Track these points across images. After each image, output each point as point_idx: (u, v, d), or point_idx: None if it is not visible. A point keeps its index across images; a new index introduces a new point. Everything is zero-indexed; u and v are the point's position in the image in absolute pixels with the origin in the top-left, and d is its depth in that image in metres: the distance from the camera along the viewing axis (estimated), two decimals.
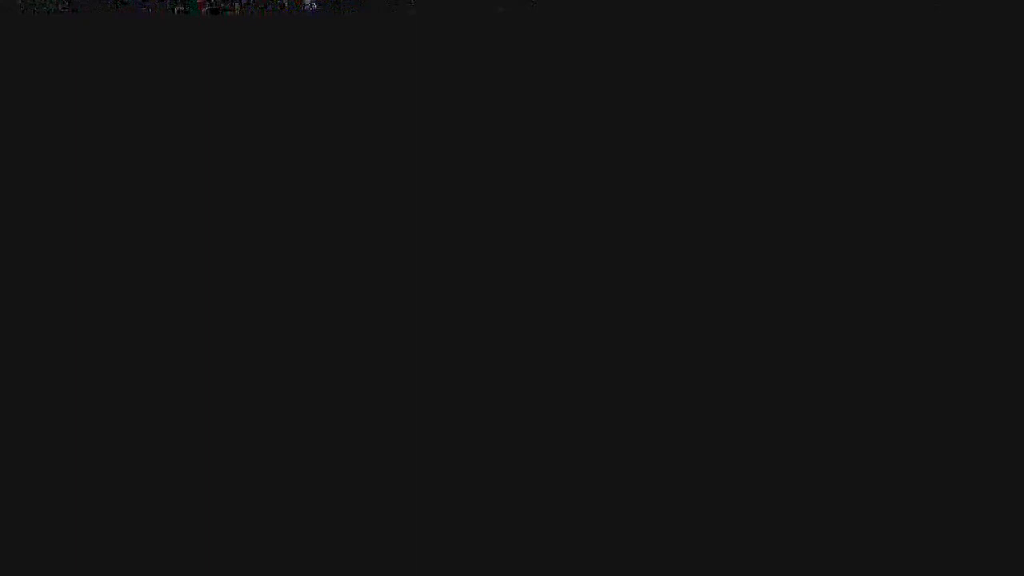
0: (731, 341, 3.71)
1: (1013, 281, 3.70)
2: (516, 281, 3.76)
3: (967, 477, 3.57)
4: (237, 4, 4.00)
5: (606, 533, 3.53)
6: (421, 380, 3.71)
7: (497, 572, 3.48)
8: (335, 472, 3.62)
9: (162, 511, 3.56)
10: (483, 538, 3.53)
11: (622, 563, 3.50)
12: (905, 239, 3.77)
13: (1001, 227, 3.75)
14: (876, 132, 3.82)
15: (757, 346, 3.71)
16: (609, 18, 3.92)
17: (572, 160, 3.83)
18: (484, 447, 3.64)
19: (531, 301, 3.75)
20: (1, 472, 3.60)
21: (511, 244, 3.79)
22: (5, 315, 3.72)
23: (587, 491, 3.59)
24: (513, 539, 3.52)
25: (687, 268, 3.77)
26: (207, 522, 3.56)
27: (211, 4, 3.98)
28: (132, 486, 3.59)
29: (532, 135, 3.84)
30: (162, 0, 3.96)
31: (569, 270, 3.77)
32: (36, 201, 3.79)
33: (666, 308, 3.74)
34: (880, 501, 3.56)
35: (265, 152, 3.84)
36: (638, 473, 3.60)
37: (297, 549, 3.53)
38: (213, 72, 3.88)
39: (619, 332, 3.73)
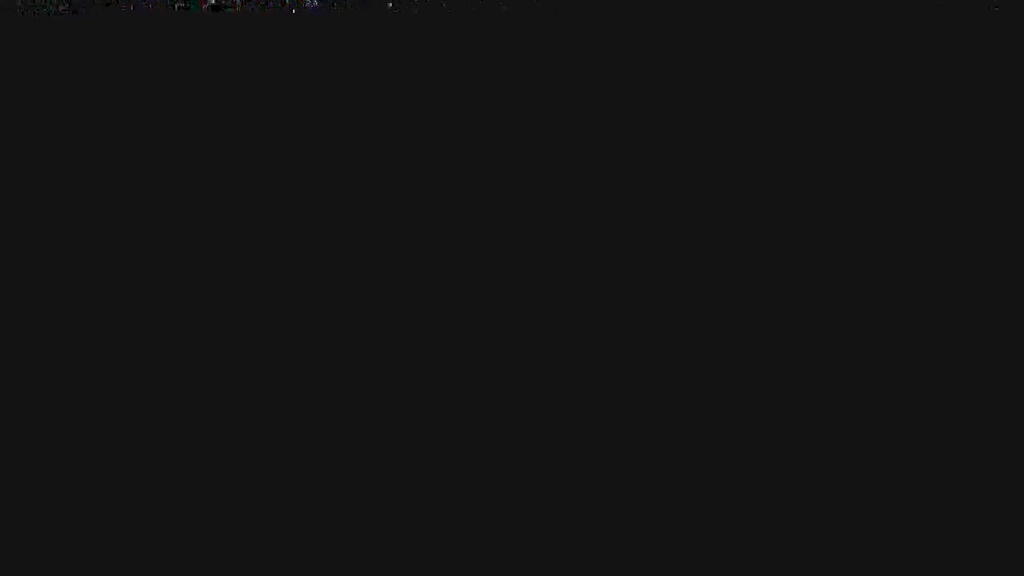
0: (733, 342, 3.71)
1: (1013, 281, 3.70)
2: (515, 282, 3.76)
3: (967, 477, 3.57)
4: (238, 0, 3.99)
5: (605, 533, 3.54)
6: (419, 380, 3.71)
7: (495, 572, 3.49)
8: (333, 472, 3.63)
9: (160, 511, 3.58)
10: (481, 539, 3.54)
11: (622, 563, 3.51)
12: (905, 239, 3.76)
13: (1001, 227, 3.74)
14: (876, 132, 3.81)
15: (759, 347, 3.71)
16: (610, 18, 3.90)
17: (573, 160, 3.82)
18: (483, 448, 3.65)
19: (530, 301, 3.75)
20: (1, 472, 3.62)
21: (510, 244, 3.79)
22: (5, 315, 3.73)
23: (586, 492, 3.60)
24: (511, 540, 3.53)
25: (688, 268, 3.76)
26: (206, 522, 3.57)
27: (212, 0, 3.97)
28: (130, 486, 3.60)
29: (532, 135, 3.84)
30: None
31: (569, 271, 3.77)
32: (37, 201, 3.80)
33: (667, 309, 3.74)
34: (880, 501, 3.56)
35: (265, 149, 3.84)
36: (637, 473, 3.61)
37: (295, 549, 3.54)
38: (213, 69, 3.87)
39: (619, 332, 3.73)
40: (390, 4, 3.96)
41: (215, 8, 3.98)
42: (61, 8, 3.90)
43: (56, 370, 3.69)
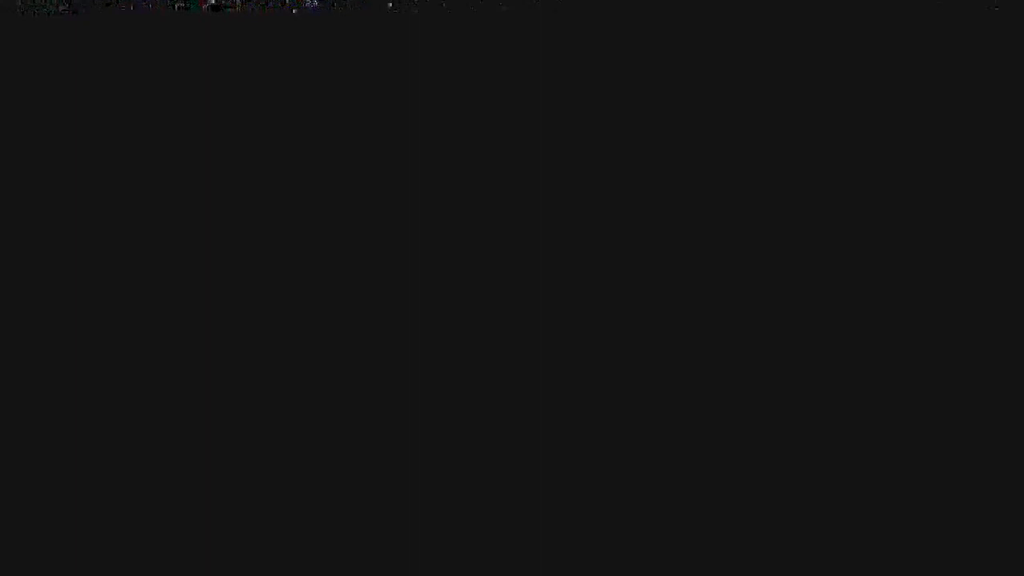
0: (732, 343, 3.71)
1: (1013, 281, 3.70)
2: (515, 281, 3.76)
3: (967, 477, 3.57)
4: (238, 0, 3.99)
5: (604, 534, 3.54)
6: (419, 381, 3.71)
7: (495, 572, 3.49)
8: (333, 473, 3.63)
9: (160, 510, 3.58)
10: (481, 540, 3.54)
11: (622, 564, 3.51)
12: (905, 239, 3.76)
13: (1001, 227, 3.75)
14: (876, 132, 3.81)
15: (759, 348, 3.71)
16: (610, 18, 3.90)
17: (572, 160, 3.83)
18: (482, 449, 3.65)
19: (530, 301, 3.75)
20: (1, 472, 3.62)
21: (510, 245, 3.79)
22: (5, 315, 3.73)
23: (586, 493, 3.60)
24: (510, 541, 3.53)
25: (687, 269, 3.76)
26: (206, 521, 3.57)
27: (212, 0, 3.98)
28: (131, 485, 3.60)
29: (532, 135, 3.84)
30: None
31: (569, 270, 3.77)
32: (37, 201, 3.80)
33: (667, 308, 3.74)
34: (880, 501, 3.56)
35: (266, 149, 3.84)
36: (637, 473, 3.61)
37: (295, 550, 3.54)
38: (213, 69, 3.88)
39: (619, 333, 3.73)
40: (390, 4, 3.96)
41: (215, 8, 3.98)
42: (61, 8, 3.90)
43: (56, 369, 3.69)
